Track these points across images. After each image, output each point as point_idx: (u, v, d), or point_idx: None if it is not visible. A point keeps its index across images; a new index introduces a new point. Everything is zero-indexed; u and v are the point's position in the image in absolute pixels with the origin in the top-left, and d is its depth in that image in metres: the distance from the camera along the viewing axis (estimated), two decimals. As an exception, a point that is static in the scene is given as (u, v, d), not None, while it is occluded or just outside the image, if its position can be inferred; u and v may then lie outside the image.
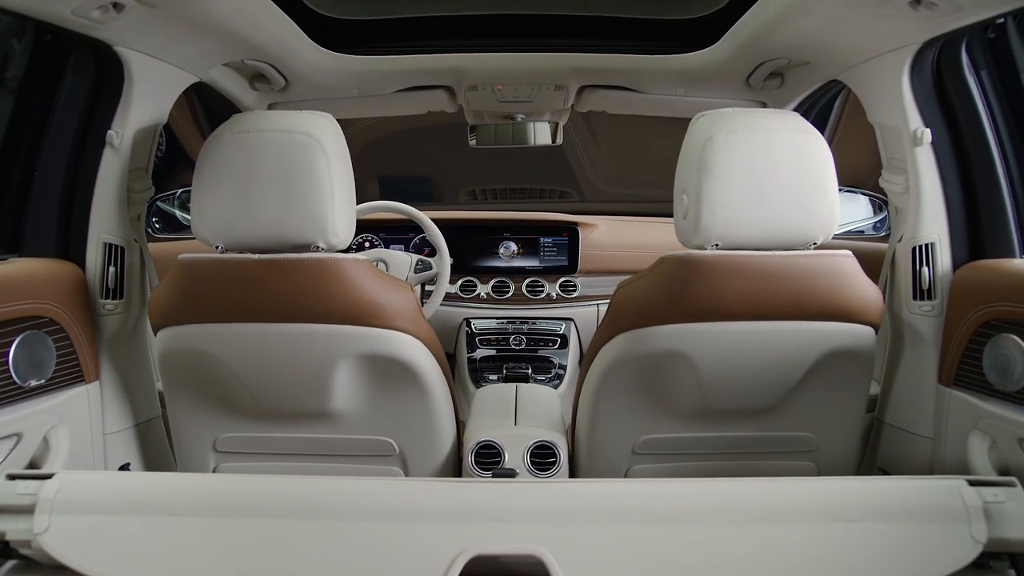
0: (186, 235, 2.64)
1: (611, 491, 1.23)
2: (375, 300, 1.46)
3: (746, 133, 1.42)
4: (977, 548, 1.07)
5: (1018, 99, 1.54)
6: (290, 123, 1.42)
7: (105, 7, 1.33)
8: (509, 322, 2.76)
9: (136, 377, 1.76)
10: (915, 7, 1.33)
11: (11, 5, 1.25)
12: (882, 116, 1.67)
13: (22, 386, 1.45)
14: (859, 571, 1.09)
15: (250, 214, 1.43)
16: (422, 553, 1.10)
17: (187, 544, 1.13)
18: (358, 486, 1.23)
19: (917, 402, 1.69)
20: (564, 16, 2.05)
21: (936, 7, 1.31)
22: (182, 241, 2.54)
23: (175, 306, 1.47)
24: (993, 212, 1.58)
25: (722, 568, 1.11)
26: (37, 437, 1.49)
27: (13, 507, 1.13)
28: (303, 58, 1.97)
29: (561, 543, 1.10)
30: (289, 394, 1.54)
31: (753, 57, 1.93)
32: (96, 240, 1.64)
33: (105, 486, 1.20)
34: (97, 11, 1.34)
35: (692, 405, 1.57)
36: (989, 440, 1.47)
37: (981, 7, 1.31)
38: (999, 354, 1.45)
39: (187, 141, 3.04)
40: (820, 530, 1.13)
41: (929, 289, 1.62)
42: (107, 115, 1.60)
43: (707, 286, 1.44)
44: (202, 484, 1.24)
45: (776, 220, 1.44)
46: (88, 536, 1.12)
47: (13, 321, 1.43)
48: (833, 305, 1.45)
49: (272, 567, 1.12)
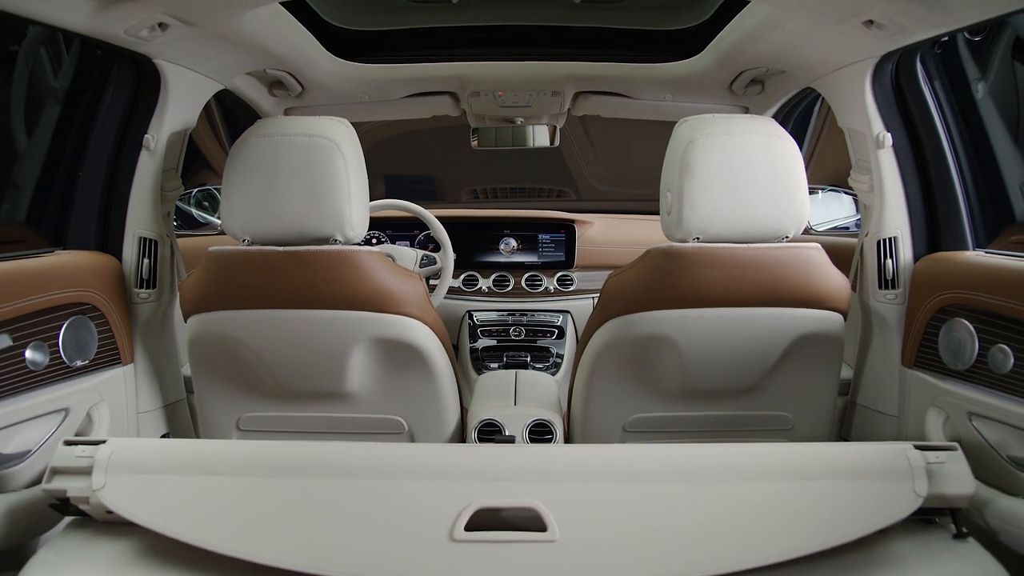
0: (202, 232, 2.73)
1: (600, 453, 1.34)
2: (388, 288, 1.55)
3: (724, 137, 1.51)
4: (918, 501, 1.19)
5: (968, 107, 1.66)
6: (311, 128, 1.51)
7: (153, 27, 1.46)
8: (509, 314, 2.81)
9: (165, 361, 1.87)
10: (868, 27, 1.45)
11: (74, 26, 1.38)
12: (849, 121, 1.78)
13: (69, 366, 1.58)
14: (817, 520, 1.21)
15: (275, 210, 1.52)
16: (433, 506, 1.21)
17: (223, 499, 1.24)
18: (375, 449, 1.35)
19: (883, 383, 1.79)
20: (560, 27, 2.14)
21: (884, 27, 1.44)
22: (197, 238, 2.64)
23: (206, 294, 1.56)
24: (948, 209, 1.68)
25: (698, 519, 1.22)
26: (82, 413, 1.61)
27: (72, 468, 1.25)
28: (319, 67, 2.07)
29: (555, 497, 1.21)
30: (308, 375, 1.63)
31: (734, 66, 2.03)
32: (132, 234, 1.75)
33: (151, 450, 1.32)
34: (146, 30, 1.46)
35: (677, 386, 1.66)
36: (944, 415, 1.59)
37: (921, 29, 1.45)
38: (952, 337, 1.57)
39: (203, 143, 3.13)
40: (785, 487, 1.24)
41: (893, 279, 1.73)
42: (144, 120, 1.71)
43: (688, 275, 1.53)
44: (235, 448, 1.36)
45: (751, 215, 1.53)
46: (138, 492, 1.24)
47: (61, 307, 1.56)
48: (803, 293, 1.54)
49: (298, 519, 1.23)
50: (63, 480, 1.25)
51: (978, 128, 1.68)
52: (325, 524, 1.22)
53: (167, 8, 1.42)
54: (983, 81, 1.73)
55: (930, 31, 1.45)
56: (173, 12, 1.44)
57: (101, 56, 1.67)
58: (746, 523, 1.22)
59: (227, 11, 1.52)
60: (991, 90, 1.85)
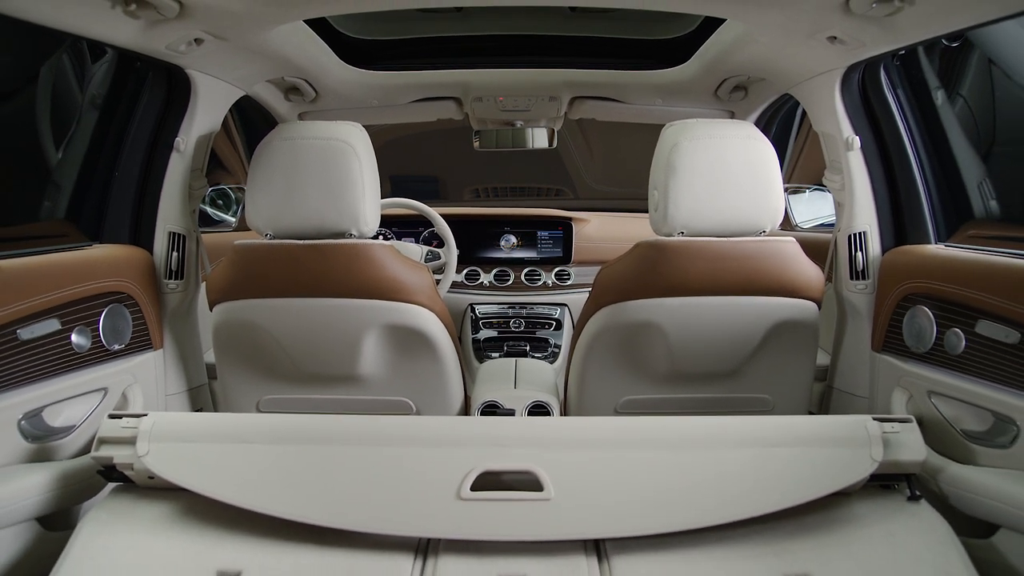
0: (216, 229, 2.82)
1: (590, 425, 1.47)
2: (398, 279, 1.66)
3: (706, 140, 1.62)
4: (874, 465, 1.33)
5: (930, 112, 1.79)
6: (328, 131, 1.62)
7: (190, 42, 1.59)
8: (509, 307, 2.89)
9: (190, 348, 1.99)
10: (832, 42, 1.59)
11: (122, 43, 1.52)
12: (822, 125, 1.90)
13: (108, 349, 1.71)
14: (788, 482, 1.33)
15: (295, 207, 1.62)
16: (442, 469, 1.34)
17: (254, 464, 1.37)
18: (390, 421, 1.47)
19: (856, 368, 1.91)
20: (557, 36, 2.25)
21: (846, 43, 1.57)
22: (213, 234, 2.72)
23: (231, 284, 1.67)
24: (912, 206, 1.81)
25: (679, 481, 1.34)
26: (118, 393, 1.73)
27: (118, 439, 1.39)
28: (332, 74, 2.19)
29: (551, 462, 1.35)
30: (324, 359, 1.73)
31: (718, 73, 2.15)
32: (163, 229, 1.87)
33: (188, 422, 1.45)
34: (184, 45, 1.59)
35: (665, 369, 1.77)
36: (908, 395, 1.71)
37: (877, 45, 1.58)
38: (914, 323, 1.70)
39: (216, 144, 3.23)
40: (758, 453, 1.37)
41: (863, 270, 1.85)
42: (175, 124, 1.83)
43: (673, 266, 1.64)
44: (264, 419, 1.47)
45: (730, 211, 1.63)
46: (177, 458, 1.37)
47: (101, 295, 1.69)
48: (779, 282, 1.65)
49: (322, 481, 1.35)
50: (109, 449, 1.39)
51: (939, 132, 1.81)
52: (346, 485, 1.35)
53: (205, 26, 1.56)
54: (942, 89, 1.86)
55: (884, 47, 1.59)
56: (209, 29, 1.58)
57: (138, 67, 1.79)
58: (723, 485, 1.34)
59: (256, 27, 1.65)
60: (950, 97, 1.98)
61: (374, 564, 1.26)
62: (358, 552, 1.28)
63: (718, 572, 1.24)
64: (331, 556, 1.27)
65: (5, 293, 1.45)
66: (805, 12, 1.51)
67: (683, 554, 1.28)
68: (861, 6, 1.38)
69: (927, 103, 1.79)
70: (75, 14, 1.38)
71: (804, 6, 1.47)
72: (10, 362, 1.46)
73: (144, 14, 1.38)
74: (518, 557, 1.27)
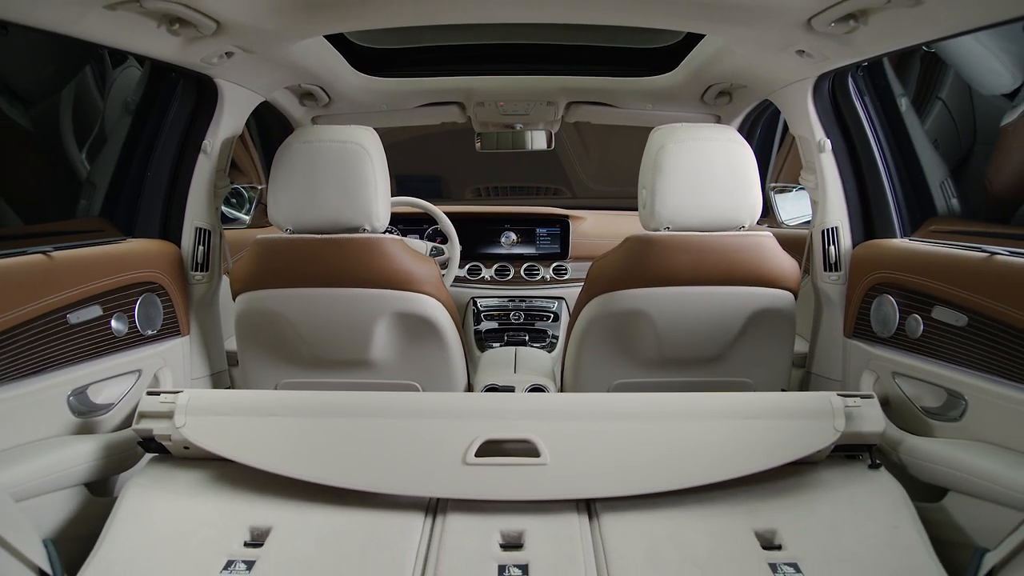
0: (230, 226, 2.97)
1: (583, 400, 1.61)
2: (408, 270, 1.78)
3: (689, 143, 1.74)
4: (836, 435, 1.48)
5: (895, 117, 1.93)
6: (344, 135, 1.74)
7: (222, 55, 1.74)
8: (509, 300, 2.99)
9: (212, 336, 2.12)
10: (801, 55, 1.74)
11: (163, 56, 1.67)
12: (797, 129, 2.04)
13: (142, 334, 1.85)
14: (761, 449, 1.48)
15: (314, 204, 1.74)
16: (450, 438, 1.49)
17: (280, 435, 1.52)
18: (403, 396, 1.61)
19: (830, 353, 2.05)
20: (554, 46, 2.40)
21: (813, 56, 1.72)
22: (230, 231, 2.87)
23: (254, 275, 1.79)
24: (879, 203, 1.94)
25: (664, 449, 1.48)
26: (150, 374, 1.87)
27: (157, 412, 1.54)
28: (345, 81, 2.34)
29: (547, 432, 1.49)
30: (338, 345, 1.85)
31: (703, 80, 2.29)
32: (190, 225, 2.00)
33: (220, 398, 1.59)
34: (216, 58, 1.74)
35: (654, 354, 1.89)
36: (875, 376, 1.85)
37: (840, 58, 1.73)
38: (881, 310, 1.84)
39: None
40: (734, 423, 1.52)
41: (835, 263, 1.98)
42: (202, 129, 1.97)
43: (660, 258, 1.77)
44: (288, 395, 1.61)
45: (712, 208, 1.76)
46: (211, 429, 1.52)
47: (136, 285, 1.83)
48: (757, 273, 1.78)
49: (341, 449, 1.49)
50: (149, 422, 1.53)
51: (904, 136, 1.95)
52: (363, 452, 1.49)
53: (236, 41, 1.70)
54: (906, 96, 2.01)
55: (846, 60, 1.74)
56: (240, 44, 1.72)
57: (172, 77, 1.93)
58: (702, 452, 1.49)
59: (281, 42, 1.80)
60: (928, 101, 2.13)
61: (390, 521, 1.41)
62: (375, 511, 1.43)
63: (697, 528, 1.39)
64: (351, 514, 1.42)
65: (59, 280, 1.60)
66: (774, 29, 1.66)
67: (666, 512, 1.43)
68: (822, 25, 1.54)
69: (892, 110, 1.93)
70: (128, 34, 1.54)
71: (773, 24, 1.62)
72: (62, 343, 1.61)
73: (185, 32, 1.53)
74: (517, 515, 1.42)
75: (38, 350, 1.56)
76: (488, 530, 1.39)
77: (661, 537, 1.37)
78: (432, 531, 1.40)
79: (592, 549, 1.35)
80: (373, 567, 1.30)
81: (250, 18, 1.58)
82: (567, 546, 1.35)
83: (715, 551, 1.33)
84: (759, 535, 1.38)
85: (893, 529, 1.38)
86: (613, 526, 1.40)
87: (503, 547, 1.37)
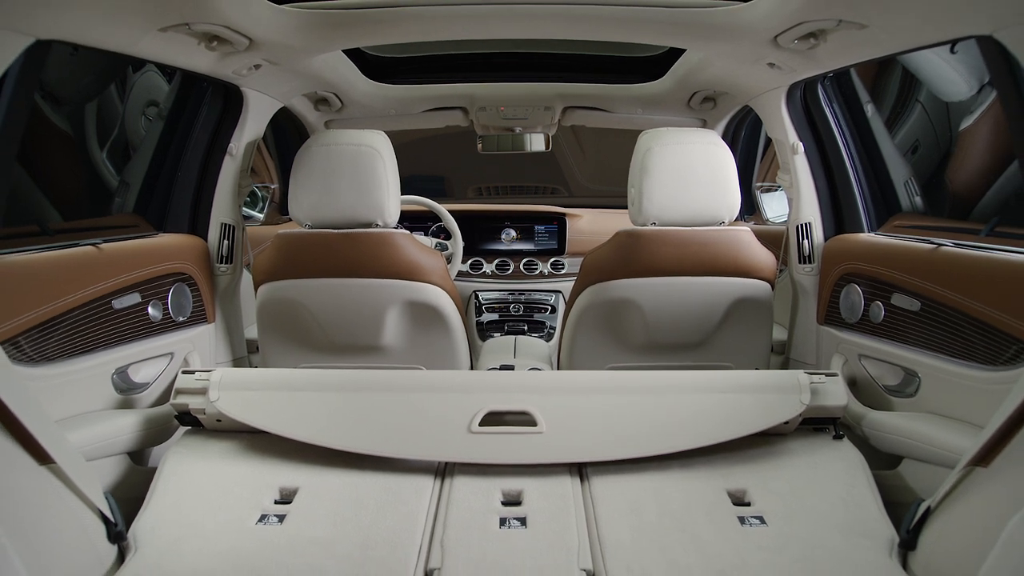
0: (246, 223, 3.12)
1: (576, 377, 1.77)
2: (417, 262, 1.92)
3: (674, 146, 1.89)
4: (802, 407, 1.64)
5: (862, 122, 2.10)
6: (359, 139, 1.89)
7: (251, 67, 1.90)
8: (509, 293, 3.12)
9: (235, 324, 2.28)
10: (771, 67, 1.91)
11: (199, 69, 1.84)
12: (773, 132, 2.20)
13: (174, 320, 2.01)
14: (734, 419, 1.63)
15: (331, 201, 1.88)
16: (456, 410, 1.65)
17: (304, 407, 1.67)
18: (413, 374, 1.77)
19: (806, 339, 2.21)
20: (551, 54, 2.55)
21: (782, 68, 1.89)
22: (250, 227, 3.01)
23: (275, 266, 1.94)
24: (848, 201, 2.11)
25: (648, 419, 1.64)
26: (180, 357, 2.03)
27: (192, 389, 1.70)
28: (357, 88, 2.50)
29: (544, 405, 1.66)
30: (353, 331, 1.99)
31: (689, 87, 2.45)
32: (216, 221, 2.16)
33: (249, 375, 1.76)
34: (246, 70, 1.91)
35: (643, 340, 2.03)
36: (844, 359, 2.01)
37: (805, 71, 1.90)
38: (848, 298, 2.01)
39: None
40: (712, 397, 1.67)
41: (809, 255, 2.14)
42: (228, 133, 2.13)
43: (647, 251, 1.92)
44: (310, 372, 1.77)
45: (694, 205, 1.90)
46: (243, 402, 1.68)
47: (169, 275, 2.00)
48: (736, 265, 1.93)
49: (359, 419, 1.65)
50: (185, 398, 1.69)
51: (871, 140, 2.12)
52: (379, 423, 1.65)
53: (265, 55, 1.87)
54: (872, 103, 2.18)
55: (812, 72, 1.91)
56: (268, 57, 1.89)
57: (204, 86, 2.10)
58: (683, 422, 1.65)
59: (304, 55, 1.96)
60: (895, 107, 2.29)
61: (403, 482, 1.58)
62: (390, 474, 1.60)
63: (676, 487, 1.56)
64: (369, 476, 1.59)
65: (106, 269, 1.77)
66: (745, 45, 1.82)
67: (649, 475, 1.60)
68: (787, 42, 1.71)
69: (860, 116, 2.10)
70: (174, 51, 1.71)
71: (743, 41, 1.79)
72: (107, 326, 1.78)
73: (221, 48, 1.70)
74: (517, 478, 1.59)
75: (90, 331, 1.73)
76: (491, 490, 1.55)
77: (643, 494, 1.54)
78: (441, 491, 1.56)
79: (583, 504, 1.52)
80: (390, 520, 1.47)
81: (279, 36, 1.74)
82: (561, 502, 1.52)
83: (690, 505, 1.50)
84: (731, 494, 1.55)
85: (849, 488, 1.55)
86: (602, 486, 1.57)
87: (504, 504, 1.53)
